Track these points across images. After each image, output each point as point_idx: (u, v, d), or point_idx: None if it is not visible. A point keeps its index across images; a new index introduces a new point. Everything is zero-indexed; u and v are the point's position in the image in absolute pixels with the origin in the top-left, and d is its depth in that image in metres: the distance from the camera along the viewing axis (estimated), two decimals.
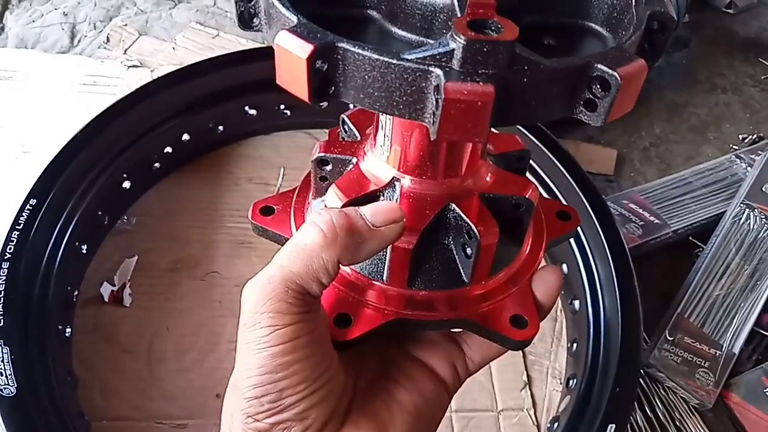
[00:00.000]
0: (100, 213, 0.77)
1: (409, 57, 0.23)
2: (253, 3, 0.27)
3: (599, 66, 0.23)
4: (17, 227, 0.66)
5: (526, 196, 0.34)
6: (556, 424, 0.68)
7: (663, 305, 0.83)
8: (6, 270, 0.63)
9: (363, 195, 0.34)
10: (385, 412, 0.34)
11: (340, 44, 0.24)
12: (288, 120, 0.93)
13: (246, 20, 0.28)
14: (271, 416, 0.30)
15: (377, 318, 0.34)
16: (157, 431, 0.68)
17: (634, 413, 0.75)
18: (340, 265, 0.30)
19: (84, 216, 0.73)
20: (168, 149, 0.85)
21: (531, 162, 0.82)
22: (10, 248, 0.64)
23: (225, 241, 0.83)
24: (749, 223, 0.88)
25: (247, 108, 0.89)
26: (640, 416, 0.76)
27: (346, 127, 0.39)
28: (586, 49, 0.28)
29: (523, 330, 0.34)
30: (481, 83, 0.22)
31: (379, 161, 0.34)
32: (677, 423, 0.76)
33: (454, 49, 0.22)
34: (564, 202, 0.79)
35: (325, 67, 0.24)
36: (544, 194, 0.82)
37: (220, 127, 0.89)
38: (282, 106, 0.91)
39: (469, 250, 0.33)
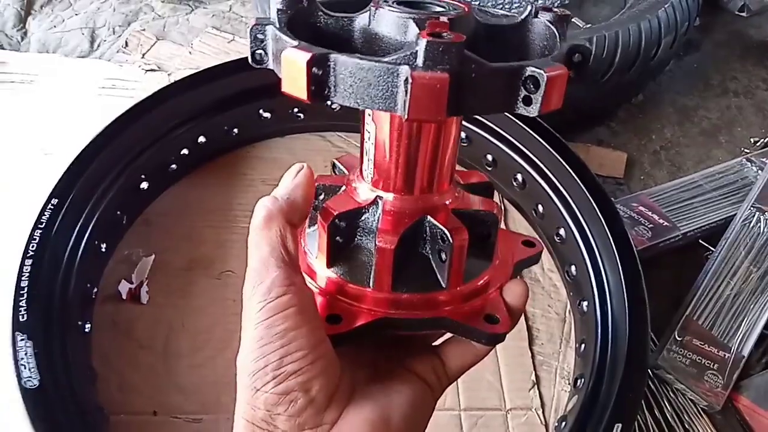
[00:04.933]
0: (118, 213, 0.79)
1: (384, 59, 0.30)
2: (263, 44, 0.35)
3: (530, 68, 0.30)
4: (39, 226, 0.68)
5: (492, 212, 0.40)
6: (563, 424, 0.69)
7: (672, 308, 0.83)
8: (29, 267, 0.64)
9: (350, 210, 0.39)
10: (385, 398, 0.37)
11: (332, 54, 0.30)
12: (301, 123, 0.94)
13: (257, 59, 0.35)
14: (277, 385, 0.32)
15: (366, 316, 0.38)
16: (173, 425, 0.69)
17: (643, 415, 0.76)
18: (330, 270, 0.37)
19: (103, 215, 0.75)
20: (184, 151, 0.87)
21: (542, 165, 0.83)
22: (32, 246, 0.66)
23: (239, 241, 0.85)
24: (759, 227, 0.88)
25: (261, 111, 0.91)
26: (649, 418, 0.76)
27: (336, 170, 0.45)
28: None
29: (496, 325, 0.38)
30: (438, 72, 0.29)
31: (364, 186, 0.40)
32: (686, 426, 0.77)
33: (417, 50, 0.29)
34: (573, 205, 0.80)
35: (320, 72, 0.30)
36: (554, 197, 0.83)
37: (235, 130, 0.91)
38: (295, 110, 0.93)
39: (443, 255, 0.38)
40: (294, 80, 0.31)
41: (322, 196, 0.41)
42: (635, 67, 0.96)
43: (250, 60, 0.35)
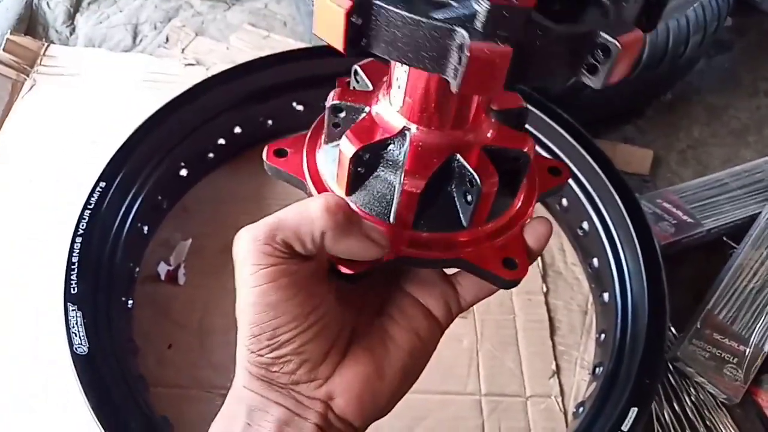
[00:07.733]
0: (159, 197, 0.84)
1: (436, 17, 0.26)
2: None
3: (602, 34, 0.26)
4: (89, 207, 0.73)
5: (525, 150, 0.37)
6: (581, 408, 0.71)
7: (694, 302, 0.84)
8: (79, 244, 0.69)
9: (375, 142, 0.36)
10: (381, 348, 0.38)
11: (376, 1, 0.26)
12: None
13: None
14: (271, 351, 0.33)
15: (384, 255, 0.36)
16: (206, 399, 0.73)
17: (663, 408, 0.77)
18: (348, 199, 0.34)
19: (146, 199, 0.79)
20: (221, 141, 0.91)
21: (566, 160, 0.85)
22: (82, 225, 0.71)
23: None
24: None
25: (294, 104, 0.94)
26: (669, 411, 0.77)
27: (358, 77, 0.41)
28: (588, 17, 0.31)
29: (513, 271, 0.37)
30: (500, 44, 0.25)
31: (390, 111, 0.36)
32: (707, 422, 0.77)
33: (477, 12, 0.25)
34: (596, 199, 0.82)
35: (360, 21, 0.27)
36: (579, 193, 0.84)
37: (270, 121, 0.94)
38: None
39: (470, 197, 0.35)
40: (329, 26, 0.27)
41: (343, 114, 0.38)
42: (662, 66, 0.97)
43: None
